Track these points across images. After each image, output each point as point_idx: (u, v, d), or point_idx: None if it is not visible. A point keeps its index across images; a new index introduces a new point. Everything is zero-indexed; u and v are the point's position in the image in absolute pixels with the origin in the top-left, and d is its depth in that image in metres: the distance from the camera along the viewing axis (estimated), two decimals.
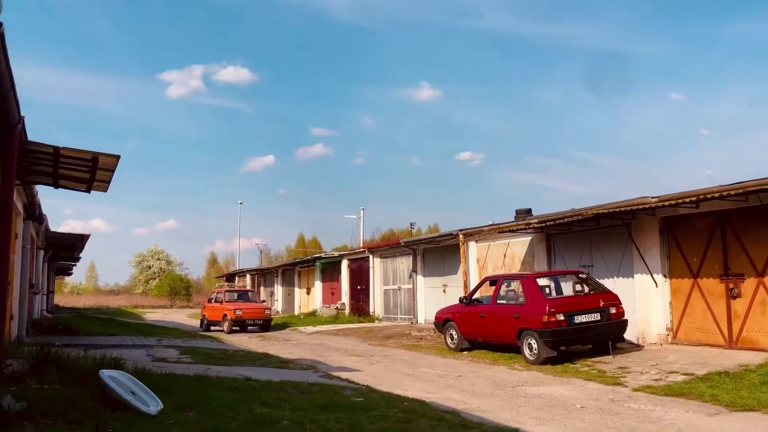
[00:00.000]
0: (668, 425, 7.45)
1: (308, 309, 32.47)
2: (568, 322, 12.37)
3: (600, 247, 15.46)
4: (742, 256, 12.20)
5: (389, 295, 25.75)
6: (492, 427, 7.18)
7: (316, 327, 24.27)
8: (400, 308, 24.87)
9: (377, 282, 26.36)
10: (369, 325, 23.71)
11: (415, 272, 23.49)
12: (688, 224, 13.32)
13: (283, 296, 37.61)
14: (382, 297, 26.14)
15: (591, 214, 13.78)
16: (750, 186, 10.76)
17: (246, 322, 23.33)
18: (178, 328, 25.49)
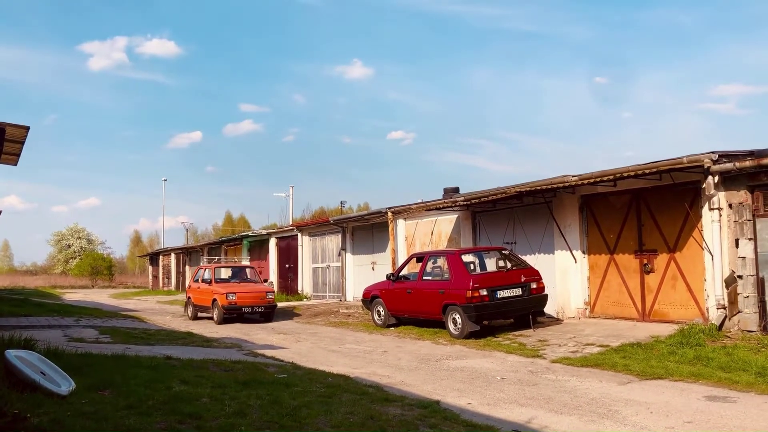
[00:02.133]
0: (582, 394, 7.74)
1: None
2: (491, 297, 12.64)
3: (523, 224, 15.83)
4: (655, 232, 12.75)
5: (318, 273, 25.67)
6: (414, 399, 7.27)
7: None
8: (328, 286, 24.84)
9: (306, 260, 26.21)
10: (297, 303, 23.59)
11: (344, 250, 23.47)
12: (606, 202, 13.80)
13: None
14: (310, 275, 26.03)
15: (514, 192, 14.07)
16: (663, 165, 11.21)
17: (242, 309, 17.78)
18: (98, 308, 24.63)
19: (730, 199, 11.01)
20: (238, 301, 17.71)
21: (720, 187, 11.10)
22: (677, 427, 6.23)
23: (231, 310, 17.73)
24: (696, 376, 8.44)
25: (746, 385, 7.83)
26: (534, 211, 15.34)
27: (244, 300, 17.82)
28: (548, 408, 7.11)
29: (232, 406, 6.20)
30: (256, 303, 17.96)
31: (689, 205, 11.86)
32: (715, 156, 10.83)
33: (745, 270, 10.70)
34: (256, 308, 17.96)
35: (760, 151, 10.81)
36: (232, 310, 17.74)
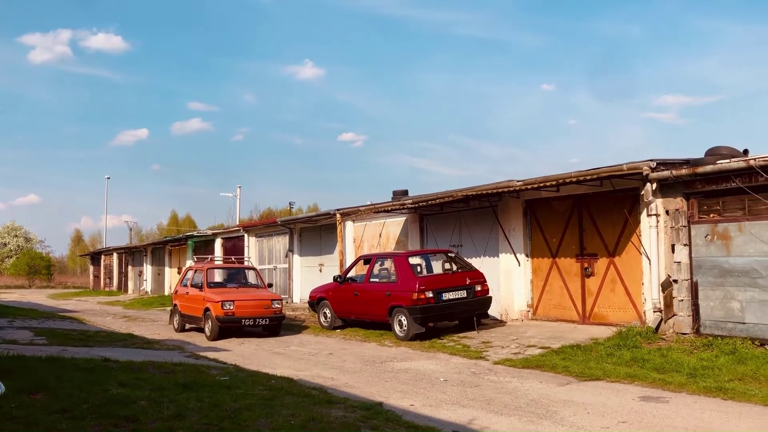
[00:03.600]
0: (523, 395, 7.88)
1: None
2: (436, 299, 12.75)
3: (469, 227, 16.02)
4: (596, 237, 13.08)
5: (265, 275, 25.33)
6: (357, 401, 7.27)
7: None
8: (275, 288, 24.57)
9: (252, 261, 25.89)
10: None
11: (291, 251, 23.30)
12: (550, 207, 14.09)
13: (153, 276, 36.14)
14: None
15: (461, 195, 14.24)
16: (603, 172, 11.52)
17: (242, 321, 14.19)
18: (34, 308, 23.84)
19: (667, 205, 11.39)
20: (237, 311, 14.07)
21: (658, 194, 11.47)
22: (612, 426, 6.40)
23: (228, 322, 14.06)
24: (632, 377, 8.69)
25: (678, 385, 8.10)
26: (480, 215, 15.54)
27: (245, 310, 14.20)
28: (489, 409, 7.21)
29: (170, 409, 6.08)
30: (259, 314, 14.32)
31: (628, 211, 12.22)
32: (653, 164, 11.18)
33: (680, 274, 11.07)
34: (259, 320, 14.28)
35: (695, 160, 11.21)
36: (230, 322, 14.06)
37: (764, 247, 10.01)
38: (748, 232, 10.24)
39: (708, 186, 10.76)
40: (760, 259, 10.07)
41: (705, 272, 10.83)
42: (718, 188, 10.59)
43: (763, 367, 8.48)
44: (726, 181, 10.40)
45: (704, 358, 9.29)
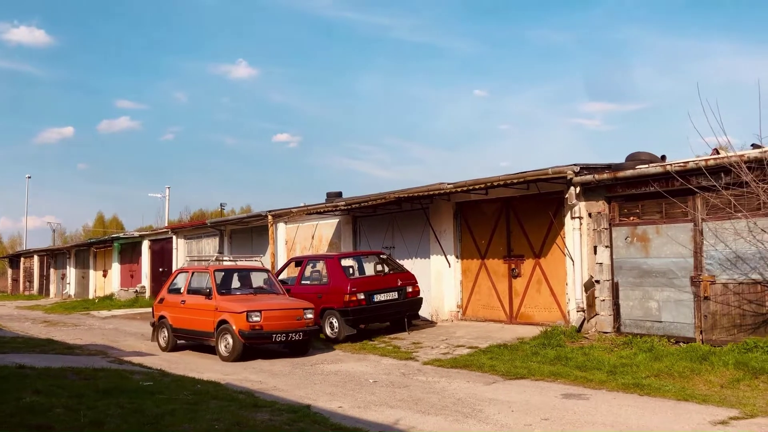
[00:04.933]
0: (450, 395, 7.99)
1: (104, 292, 30.37)
2: (368, 300, 12.80)
3: (402, 229, 16.14)
4: (522, 239, 13.41)
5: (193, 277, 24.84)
6: (284, 404, 7.21)
7: (111, 311, 22.77)
8: None
9: (181, 264, 25.31)
10: None
11: (221, 253, 22.88)
12: (479, 209, 14.35)
13: (77, 279, 34.83)
14: None
15: (393, 197, 14.33)
16: (530, 175, 11.83)
17: (273, 336, 11.27)
18: None
19: (590, 208, 11.77)
20: (266, 324, 11.19)
21: (581, 198, 11.84)
22: (535, 424, 6.56)
23: (254, 337, 11.18)
24: (555, 375, 8.94)
25: (599, 382, 8.38)
26: (412, 217, 15.67)
27: (274, 322, 11.31)
28: (416, 409, 7.28)
29: (88, 416, 5.87)
30: (290, 326, 11.42)
31: (553, 214, 12.57)
32: (577, 168, 11.55)
33: (602, 275, 11.47)
34: (292, 334, 11.36)
35: (616, 165, 11.64)
36: (257, 337, 11.21)
37: (680, 249, 10.48)
38: (665, 234, 10.70)
39: (628, 190, 11.19)
40: (676, 260, 10.54)
41: (625, 273, 11.25)
42: (638, 192, 11.02)
43: (678, 364, 8.86)
44: (645, 186, 10.83)
45: (624, 356, 9.64)
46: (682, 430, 6.18)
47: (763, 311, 9.49)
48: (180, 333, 12.62)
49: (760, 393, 7.54)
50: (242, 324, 11.09)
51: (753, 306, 9.61)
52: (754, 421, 6.41)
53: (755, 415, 6.60)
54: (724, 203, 9.56)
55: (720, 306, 9.98)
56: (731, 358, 8.70)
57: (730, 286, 9.89)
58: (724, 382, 8.03)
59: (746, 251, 9.62)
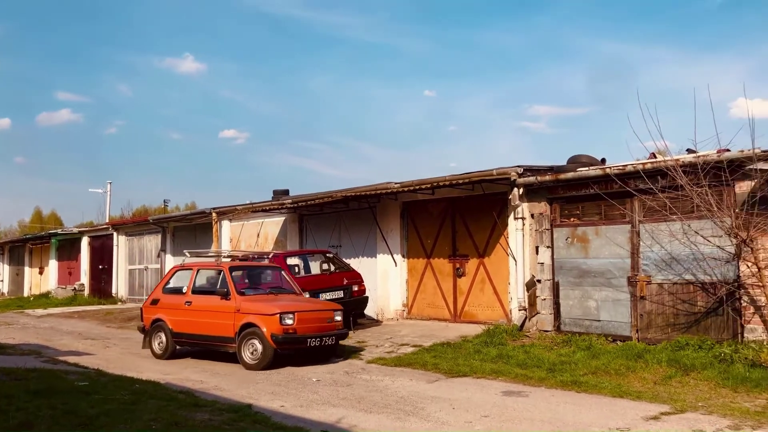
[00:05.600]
0: (393, 393, 8.02)
1: (41, 290, 29.37)
2: None
3: (348, 228, 16.13)
4: (467, 239, 13.57)
5: (135, 275, 24.29)
6: (225, 404, 7.12)
7: (48, 309, 22.02)
8: (147, 289, 23.53)
9: (122, 261, 24.70)
10: (110, 307, 22.14)
11: (164, 251, 22.42)
12: (425, 209, 14.46)
13: (11, 276, 33.57)
14: (126, 277, 24.57)
15: (340, 196, 14.31)
16: (475, 176, 11.99)
17: (308, 341, 10.15)
18: None
19: (533, 209, 12.00)
20: (300, 328, 10.03)
21: (524, 199, 12.05)
22: (475, 421, 6.64)
23: (289, 342, 9.99)
24: (497, 373, 9.07)
25: (538, 380, 8.55)
26: (359, 216, 15.68)
27: (308, 325, 10.21)
28: (359, 407, 7.28)
29: (17, 418, 5.67)
30: (323, 330, 10.40)
31: (497, 215, 12.76)
32: (520, 170, 11.76)
33: (543, 275, 11.71)
34: (326, 338, 10.34)
35: (558, 167, 11.90)
36: (292, 342, 10.02)
37: (618, 250, 10.78)
38: (604, 235, 10.99)
39: (569, 192, 11.45)
40: (614, 260, 10.84)
41: (566, 273, 11.51)
42: (579, 194, 11.29)
43: (614, 361, 9.12)
44: (585, 188, 11.11)
45: (563, 354, 9.87)
46: (616, 425, 6.35)
47: (695, 311, 9.85)
48: (183, 338, 11.11)
49: (690, 389, 7.82)
50: (275, 327, 9.85)
51: (686, 306, 9.96)
52: (684, 416, 6.64)
53: (685, 410, 6.85)
54: (660, 206, 9.88)
55: (655, 305, 10.31)
56: (665, 355, 9.00)
57: (665, 286, 10.23)
58: (658, 379, 8.30)
59: (680, 252, 9.97)
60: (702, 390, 7.75)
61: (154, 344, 11.41)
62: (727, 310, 9.49)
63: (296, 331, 9.99)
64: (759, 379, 7.73)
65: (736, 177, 9.16)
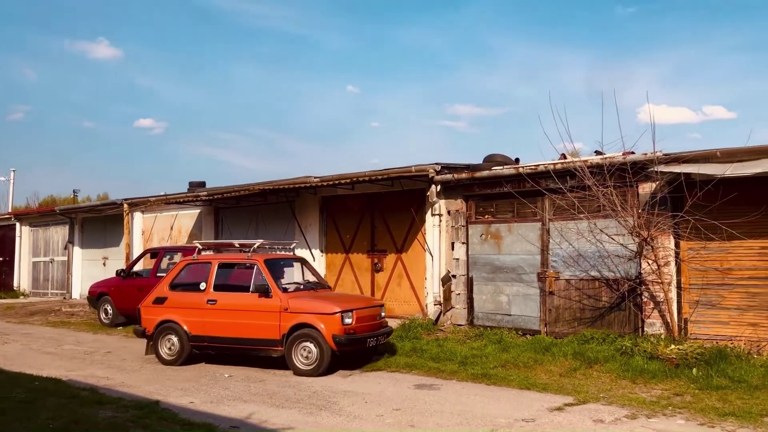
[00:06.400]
0: (306, 388, 7.98)
1: None
2: None
3: (266, 222, 15.92)
4: (386, 234, 13.67)
5: (39, 268, 23.13)
6: (131, 401, 6.89)
7: None
8: (52, 282, 22.51)
9: (25, 253, 23.47)
10: (11, 301, 20.98)
11: (71, 243, 21.45)
12: (345, 204, 14.45)
13: None
14: (30, 270, 23.36)
15: (258, 189, 14.09)
16: (393, 172, 12.09)
17: (367, 342, 9.34)
18: None
19: (449, 206, 12.21)
20: (358, 327, 9.19)
21: (441, 196, 12.24)
22: (386, 414, 6.70)
23: (350, 344, 9.05)
24: (411, 366, 9.18)
25: (450, 373, 8.71)
26: (278, 210, 15.50)
27: (364, 324, 9.37)
28: (271, 403, 7.21)
29: None
30: (375, 328, 9.62)
31: (415, 211, 12.91)
32: (438, 167, 11.93)
33: (458, 270, 11.94)
34: (380, 337, 9.67)
35: (474, 166, 12.15)
36: (353, 343, 9.10)
37: (529, 246, 11.12)
38: (516, 232, 11.31)
39: (484, 190, 11.71)
40: (525, 257, 11.17)
41: (479, 268, 11.78)
42: (493, 192, 11.57)
43: (523, 355, 9.40)
44: (499, 186, 11.39)
45: (475, 348, 10.09)
46: (522, 417, 6.55)
47: (600, 305, 10.29)
48: (205, 342, 9.72)
49: (593, 381, 8.16)
50: (336, 328, 8.87)
51: (591, 301, 10.39)
52: (586, 406, 6.93)
53: (587, 401, 7.14)
54: (569, 205, 10.27)
55: (563, 300, 10.70)
56: (570, 349, 9.35)
57: (572, 282, 10.64)
58: (563, 372, 8.62)
59: (587, 250, 10.38)
60: (604, 381, 8.09)
61: (163, 349, 9.92)
62: (629, 305, 9.96)
63: (356, 330, 9.09)
64: (655, 370, 8.15)
65: (639, 178, 9.62)
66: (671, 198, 9.44)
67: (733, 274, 9.16)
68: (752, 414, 6.38)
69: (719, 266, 9.24)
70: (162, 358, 9.89)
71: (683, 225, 9.09)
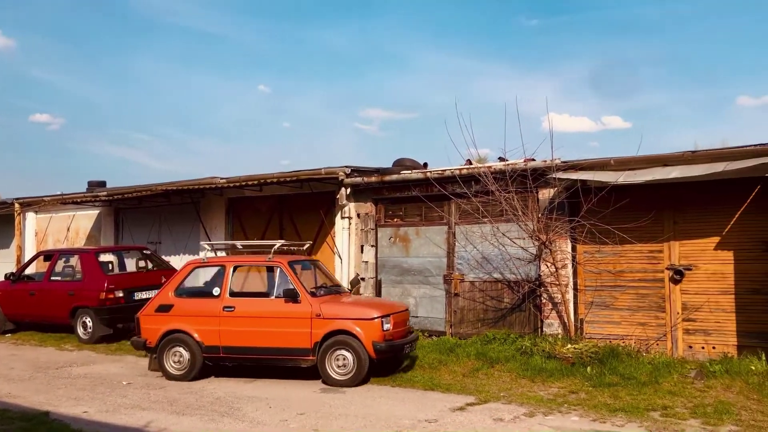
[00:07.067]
0: (208, 394, 7.79)
1: None
2: (127, 298, 12.05)
3: (170, 223, 15.43)
4: (295, 237, 13.51)
5: None
6: (18, 412, 6.51)
7: None
8: None
9: None
10: None
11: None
12: (253, 206, 14.21)
13: None
14: None
15: (161, 190, 13.62)
16: (303, 174, 12.00)
17: (404, 348, 8.86)
18: None
19: (359, 209, 12.24)
20: (395, 333, 8.66)
21: (351, 199, 12.26)
22: (290, 419, 6.63)
23: (388, 351, 8.50)
24: None
25: None
26: (182, 212, 15.05)
27: (399, 329, 8.84)
28: (171, 410, 6.98)
29: None
30: (405, 333, 9.11)
31: (325, 213, 12.87)
32: (348, 170, 11.94)
33: (367, 273, 11.99)
34: (413, 344, 9.20)
35: (384, 169, 12.24)
36: (390, 350, 8.55)
37: (436, 249, 11.31)
38: (423, 235, 11.49)
39: (394, 193, 11.83)
40: (432, 259, 11.36)
41: (388, 271, 11.88)
42: (402, 196, 11.70)
43: (428, 356, 9.54)
44: (408, 190, 11.54)
45: None
46: (426, 417, 6.65)
47: (502, 306, 10.60)
48: (222, 353, 8.80)
49: (494, 380, 8.39)
50: (376, 334, 8.29)
51: (494, 302, 10.69)
52: (487, 405, 7.11)
53: (488, 400, 7.33)
54: (473, 209, 10.53)
55: (467, 302, 10.96)
56: (473, 349, 9.58)
57: (476, 284, 10.91)
58: (466, 372, 8.81)
59: (490, 253, 10.67)
60: (505, 381, 8.33)
61: (169, 362, 8.89)
62: (530, 306, 10.32)
63: (393, 337, 8.55)
64: (553, 369, 8.47)
65: (539, 184, 9.98)
66: (569, 203, 9.86)
67: (625, 276, 9.67)
68: (639, 409, 6.75)
69: (612, 269, 9.74)
70: (168, 373, 8.85)
71: (579, 229, 9.51)
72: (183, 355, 8.86)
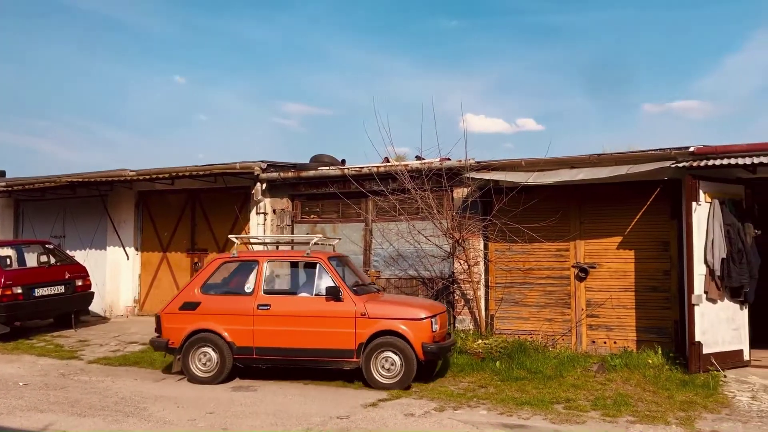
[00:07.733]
0: (113, 394, 7.49)
1: None
2: (26, 295, 11.42)
3: (75, 217, 14.74)
4: (207, 232, 13.24)
5: None
6: None
7: None
8: None
9: None
10: None
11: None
12: (163, 200, 13.78)
13: None
14: None
15: (65, 181, 13.00)
16: (216, 168, 11.75)
17: (449, 349, 8.69)
18: None
19: (275, 205, 12.10)
20: (439, 334, 8.22)
21: (267, 194, 12.09)
22: (199, 418, 6.47)
23: (436, 353, 8.06)
24: None
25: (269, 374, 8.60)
26: (88, 204, 14.40)
27: (443, 330, 8.46)
28: (72, 411, 6.68)
29: None
30: (447, 336, 8.68)
31: (239, 209, 12.63)
32: (264, 165, 11.77)
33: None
34: (452, 347, 8.87)
35: (301, 165, 12.15)
36: (438, 353, 8.14)
37: (353, 247, 11.32)
38: (341, 232, 11.47)
39: (311, 189, 11.76)
40: (350, 256, 11.33)
41: None
42: (319, 192, 11.65)
43: None
44: (325, 186, 11.50)
45: None
46: (337, 414, 6.64)
47: None
48: (255, 354, 8.23)
49: None
50: (426, 335, 7.86)
51: None
52: (398, 401, 7.18)
53: (400, 396, 7.40)
54: (390, 207, 10.60)
55: None
56: None
57: (392, 281, 11.00)
58: None
59: (406, 250, 10.79)
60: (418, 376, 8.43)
61: (195, 365, 8.25)
62: (443, 303, 10.50)
63: (440, 338, 8.16)
64: (464, 364, 8.66)
65: (454, 183, 10.18)
66: (482, 203, 10.10)
67: (534, 274, 10.00)
68: (545, 402, 6.99)
69: (522, 266, 10.05)
70: (194, 376, 8.22)
71: (491, 228, 9.76)
72: (211, 357, 8.25)
